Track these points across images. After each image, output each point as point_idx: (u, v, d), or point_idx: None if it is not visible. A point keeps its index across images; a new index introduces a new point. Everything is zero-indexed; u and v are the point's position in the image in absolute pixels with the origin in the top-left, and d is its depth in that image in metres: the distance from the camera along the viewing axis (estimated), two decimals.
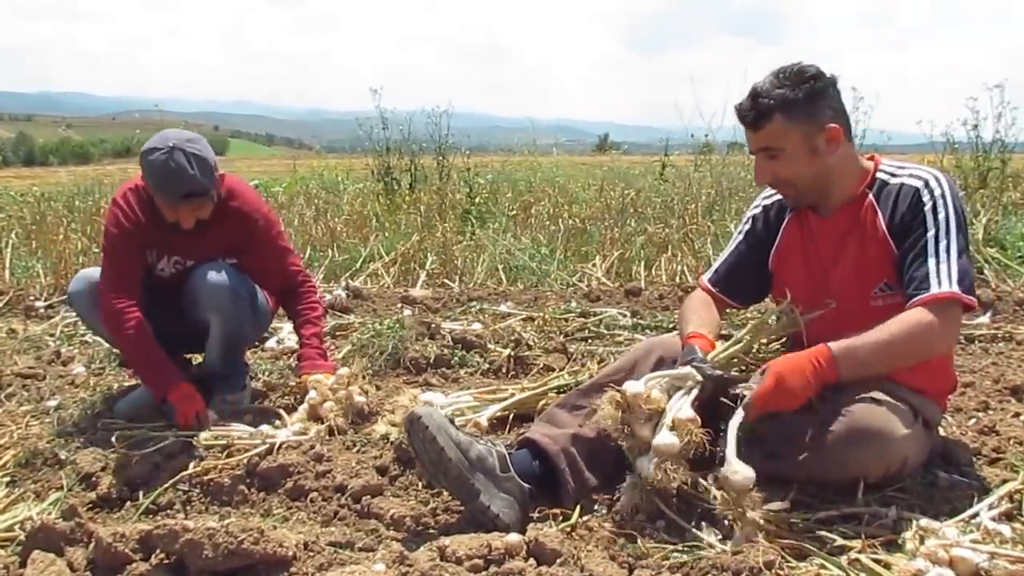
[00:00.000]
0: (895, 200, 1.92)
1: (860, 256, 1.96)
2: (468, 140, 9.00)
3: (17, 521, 1.92)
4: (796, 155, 1.92)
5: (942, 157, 6.85)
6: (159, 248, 2.67)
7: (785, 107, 1.88)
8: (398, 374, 3.07)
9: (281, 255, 2.74)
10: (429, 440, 1.76)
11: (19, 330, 4.02)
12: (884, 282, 1.94)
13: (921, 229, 1.86)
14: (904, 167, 1.99)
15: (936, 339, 1.84)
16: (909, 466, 1.86)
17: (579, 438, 1.91)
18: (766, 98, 1.89)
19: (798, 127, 1.89)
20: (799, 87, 1.88)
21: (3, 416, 2.66)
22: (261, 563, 1.49)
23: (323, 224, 6.75)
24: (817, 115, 1.90)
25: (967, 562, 1.51)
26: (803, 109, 1.89)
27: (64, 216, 6.97)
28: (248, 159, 29.81)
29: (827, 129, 1.90)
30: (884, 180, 1.97)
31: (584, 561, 1.55)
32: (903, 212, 1.90)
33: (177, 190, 2.41)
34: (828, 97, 1.92)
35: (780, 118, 1.89)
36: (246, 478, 2.09)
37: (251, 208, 2.67)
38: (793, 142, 1.91)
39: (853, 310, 1.95)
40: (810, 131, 1.90)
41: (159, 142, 2.42)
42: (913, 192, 1.90)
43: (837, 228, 2.00)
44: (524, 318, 3.87)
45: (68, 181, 11.15)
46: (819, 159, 1.92)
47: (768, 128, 1.91)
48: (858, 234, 1.96)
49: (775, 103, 1.88)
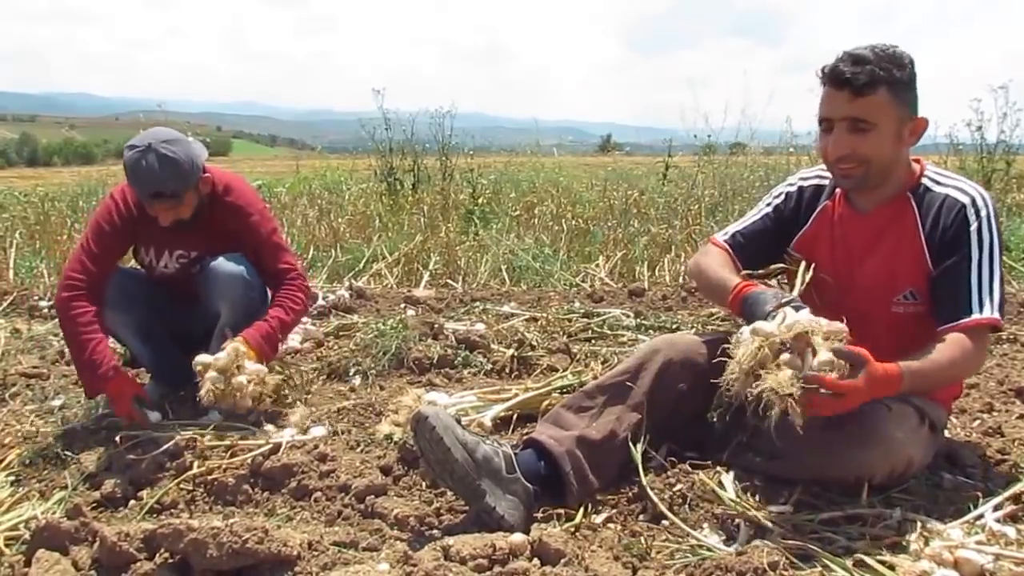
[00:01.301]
0: (938, 211, 1.89)
1: (891, 259, 1.93)
2: (471, 141, 9.02)
3: (22, 520, 1.92)
4: (885, 134, 1.84)
5: (946, 158, 6.85)
6: (156, 244, 2.69)
7: (892, 83, 1.81)
8: (401, 374, 3.07)
9: (273, 251, 2.71)
10: (435, 440, 1.76)
11: (23, 330, 4.02)
12: (910, 290, 1.92)
13: (966, 250, 1.83)
14: (950, 177, 1.96)
15: (974, 365, 1.90)
16: (914, 468, 1.85)
17: (584, 440, 1.90)
18: (875, 67, 1.79)
19: (897, 107, 1.83)
20: (904, 69, 1.83)
21: (8, 415, 2.67)
22: (265, 562, 1.49)
23: (326, 224, 6.76)
24: (912, 102, 1.86)
25: (972, 563, 1.51)
26: (905, 92, 1.84)
27: (68, 216, 6.98)
28: (251, 159, 29.85)
29: (916, 119, 1.87)
30: (928, 186, 1.93)
31: (588, 561, 1.55)
32: (945, 226, 1.86)
33: (145, 189, 2.48)
34: (915, 89, 1.87)
35: (885, 93, 1.81)
36: (250, 478, 2.09)
37: (245, 202, 2.69)
38: (888, 120, 1.83)
39: (873, 313, 1.93)
40: (903, 115, 1.85)
41: (139, 140, 2.48)
42: (959, 208, 1.87)
43: (872, 225, 1.96)
44: (527, 318, 3.87)
45: (71, 181, 11.19)
46: (900, 146, 1.88)
47: (871, 98, 1.81)
48: (893, 236, 1.93)
49: (885, 76, 1.80)
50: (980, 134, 6.90)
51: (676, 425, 2.03)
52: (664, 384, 1.96)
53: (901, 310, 1.93)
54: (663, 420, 1.97)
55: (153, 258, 2.72)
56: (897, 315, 1.93)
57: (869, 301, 1.95)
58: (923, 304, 1.90)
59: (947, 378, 1.87)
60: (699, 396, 1.98)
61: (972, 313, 1.79)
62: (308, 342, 3.59)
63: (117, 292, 2.61)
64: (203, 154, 2.63)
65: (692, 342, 2.06)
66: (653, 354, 2.01)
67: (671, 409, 1.98)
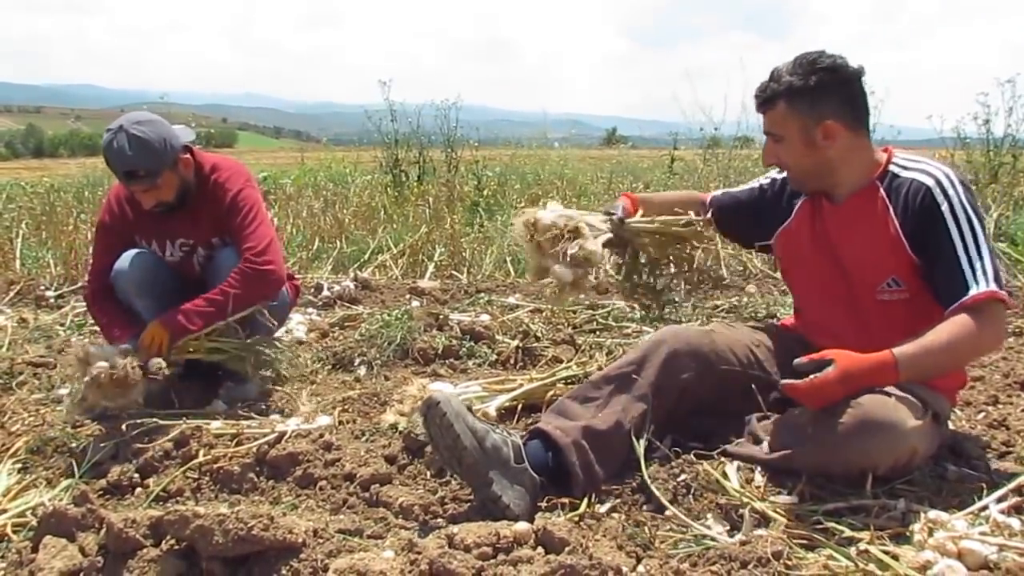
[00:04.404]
0: (906, 196, 1.90)
1: (869, 248, 1.95)
2: (476, 133, 9.00)
3: (29, 507, 1.93)
4: (793, 144, 1.96)
5: (953, 152, 6.81)
6: (156, 236, 2.72)
7: (789, 95, 1.91)
8: (406, 365, 3.08)
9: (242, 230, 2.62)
10: (446, 426, 1.76)
11: (30, 319, 4.04)
12: (892, 277, 1.93)
13: (945, 232, 1.84)
14: (916, 160, 1.97)
15: (986, 341, 1.85)
16: (918, 458, 1.84)
17: (591, 431, 1.90)
18: (776, 83, 1.93)
19: (797, 117, 1.92)
20: (808, 77, 1.90)
21: (15, 404, 2.68)
22: (271, 549, 1.50)
23: (331, 216, 6.76)
24: (820, 108, 1.91)
25: (976, 554, 1.50)
26: (806, 100, 1.91)
27: (74, 207, 7.00)
28: (256, 151, 29.86)
29: (823, 125, 1.92)
30: (895, 173, 1.96)
31: (592, 550, 1.55)
32: (916, 211, 1.88)
33: (117, 170, 2.51)
34: (836, 91, 1.92)
35: (783, 105, 1.93)
36: (255, 466, 2.10)
37: (226, 179, 2.68)
38: (791, 131, 1.95)
39: (859, 301, 1.95)
40: (807, 123, 1.92)
41: (114, 123, 2.53)
42: (924, 191, 1.88)
43: (847, 216, 2.00)
44: (532, 310, 3.88)
45: (77, 172, 11.22)
46: (817, 151, 1.95)
47: (771, 113, 1.96)
48: (869, 226, 1.95)
49: (781, 90, 1.92)
50: (987, 128, 6.86)
51: (681, 415, 2.04)
52: (669, 374, 1.97)
53: (887, 297, 1.95)
54: (668, 410, 1.99)
55: (156, 250, 2.74)
56: (884, 303, 1.94)
57: (856, 293, 1.97)
58: (908, 291, 1.92)
59: (954, 357, 1.83)
60: (704, 387, 2.00)
61: (969, 291, 1.79)
62: (313, 332, 3.60)
63: (140, 276, 2.65)
64: (184, 137, 2.64)
65: (697, 332, 2.09)
66: (658, 345, 2.02)
67: (676, 399, 1.99)
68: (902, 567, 1.48)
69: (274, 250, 2.65)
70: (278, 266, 2.64)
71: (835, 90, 1.92)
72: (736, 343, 2.10)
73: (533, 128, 11.24)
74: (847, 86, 1.93)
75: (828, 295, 2.06)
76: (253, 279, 2.57)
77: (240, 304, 2.56)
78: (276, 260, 2.64)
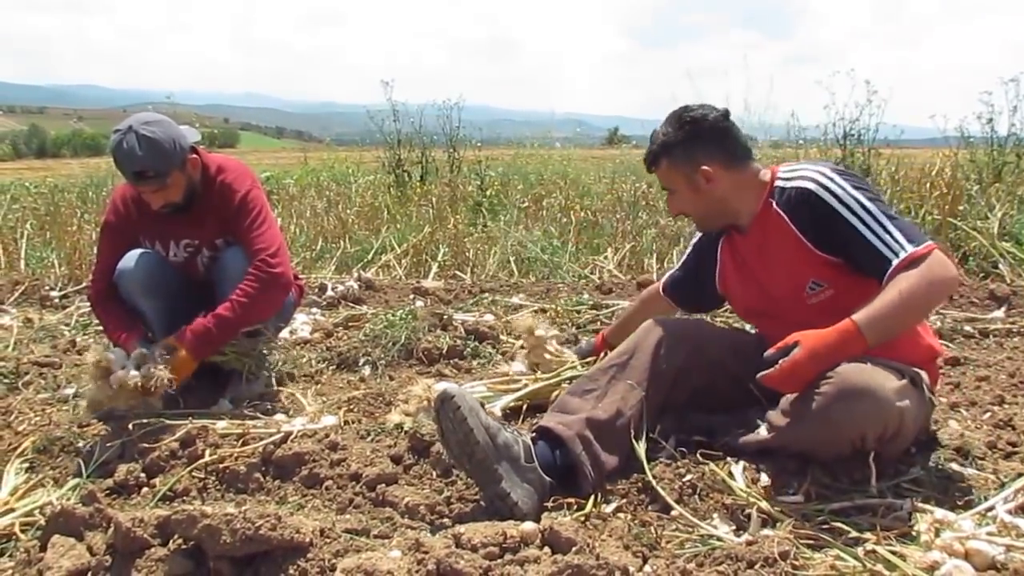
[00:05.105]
0: (796, 206, 1.99)
1: (783, 262, 2.04)
2: (479, 133, 9.01)
3: (37, 506, 1.94)
4: (683, 193, 2.13)
5: (956, 151, 6.80)
6: (160, 237, 2.72)
7: (666, 151, 2.10)
8: (411, 365, 3.08)
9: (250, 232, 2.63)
10: (459, 421, 1.77)
11: (35, 319, 4.05)
12: (812, 280, 2.00)
13: (844, 224, 1.89)
14: (794, 169, 2.07)
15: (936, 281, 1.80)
16: (907, 426, 1.81)
17: (592, 421, 1.93)
18: (654, 144, 2.13)
19: (679, 169, 2.10)
20: (679, 131, 2.08)
21: (21, 404, 2.69)
22: (278, 549, 1.50)
23: (335, 216, 6.77)
24: (695, 156, 2.07)
25: (983, 555, 1.50)
26: (682, 152, 2.08)
27: (77, 207, 7.02)
28: (259, 151, 29.91)
29: (701, 171, 2.07)
30: (781, 187, 2.05)
31: (599, 550, 1.55)
32: (807, 215, 1.96)
33: (127, 170, 2.51)
34: (706, 138, 2.07)
35: (664, 162, 2.12)
36: (261, 466, 2.10)
37: (233, 180, 2.68)
38: (677, 182, 2.12)
39: (794, 312, 2.02)
40: (689, 172, 2.09)
41: (122, 124, 2.52)
42: (808, 195, 1.96)
43: (755, 241, 2.11)
44: (536, 310, 3.88)
45: (80, 173, 11.25)
46: (704, 194, 2.09)
47: (658, 172, 2.15)
48: (775, 243, 2.05)
49: (659, 149, 2.11)
50: (991, 127, 6.84)
51: (678, 403, 2.09)
52: (661, 358, 2.05)
53: (815, 300, 2.00)
54: (664, 396, 2.05)
55: (161, 251, 2.74)
56: (814, 306, 2.00)
57: (788, 305, 2.05)
58: (832, 287, 1.98)
59: (910, 307, 1.80)
60: (696, 372, 2.08)
61: (892, 263, 1.82)
62: (318, 332, 3.60)
63: (145, 277, 2.65)
64: (191, 137, 2.64)
65: (684, 321, 2.24)
66: (647, 334, 2.11)
67: (671, 385, 2.06)
68: (909, 567, 1.48)
69: (283, 253, 2.66)
70: (287, 269, 2.65)
71: (705, 137, 2.07)
72: (722, 335, 2.23)
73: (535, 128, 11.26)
74: (714, 131, 2.08)
75: (768, 316, 2.16)
76: (268, 284, 2.57)
77: (257, 311, 2.58)
78: (286, 263, 2.65)
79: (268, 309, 2.62)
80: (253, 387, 2.72)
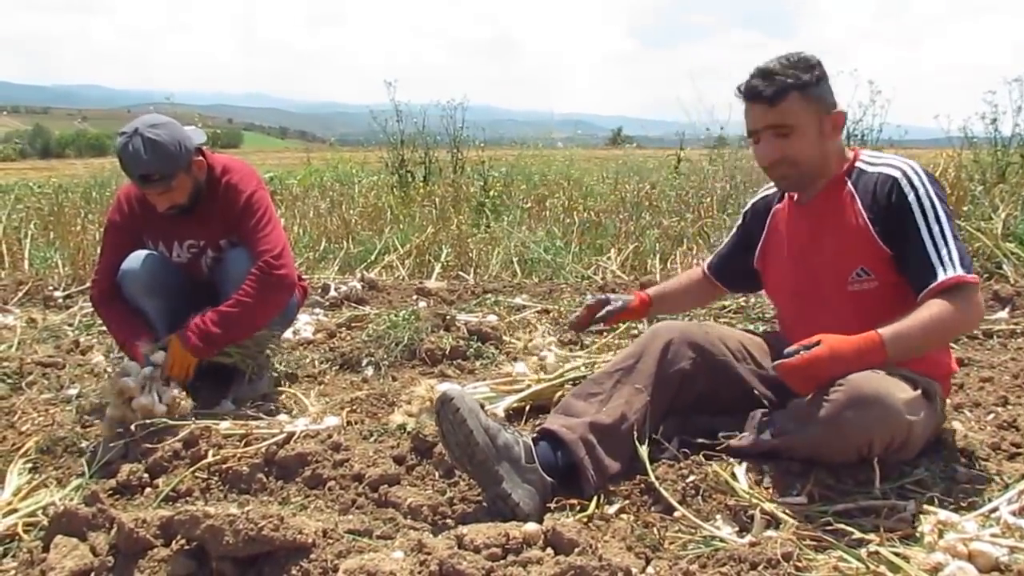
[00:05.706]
0: (874, 189, 1.97)
1: (838, 240, 2.01)
2: (482, 133, 9.02)
3: (40, 506, 1.94)
4: (806, 134, 1.97)
5: (960, 151, 6.78)
6: (164, 237, 2.72)
7: (801, 87, 1.95)
8: (414, 365, 3.09)
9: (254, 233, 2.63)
10: (459, 423, 1.77)
11: (38, 320, 4.06)
12: (861, 267, 1.98)
13: (912, 222, 1.89)
14: (881, 157, 2.04)
15: (962, 321, 1.87)
16: (915, 438, 1.83)
17: (596, 425, 1.93)
18: (783, 76, 1.95)
19: (811, 107, 1.96)
20: (808, 71, 1.96)
21: (25, 404, 2.69)
22: (281, 549, 1.50)
23: (338, 216, 6.78)
24: (826, 99, 1.98)
25: (987, 556, 1.50)
26: (816, 91, 1.97)
27: (81, 207, 7.04)
28: (262, 152, 29.94)
29: (834, 114, 1.99)
30: (863, 169, 2.03)
31: (602, 551, 1.55)
32: (884, 203, 1.94)
33: (133, 173, 2.51)
34: (829, 86, 2.00)
35: (796, 96, 1.95)
36: (264, 466, 2.10)
37: (238, 179, 2.69)
38: (806, 121, 1.97)
39: (830, 294, 2.01)
40: (822, 112, 1.98)
41: (128, 126, 2.52)
42: (891, 183, 1.94)
43: (816, 213, 2.06)
44: (539, 310, 3.88)
45: (84, 173, 11.28)
46: (823, 142, 2.00)
47: (783, 105, 1.95)
48: (836, 219, 2.01)
49: (792, 82, 1.95)
50: (994, 127, 6.83)
51: (682, 409, 2.08)
52: (668, 363, 2.04)
53: (857, 287, 1.99)
54: (670, 401, 2.04)
55: (164, 251, 2.75)
56: (854, 293, 1.98)
57: (827, 286, 2.02)
58: (877, 280, 1.96)
59: (936, 335, 1.84)
60: (702, 376, 2.07)
61: (937, 276, 1.84)
62: (321, 333, 3.61)
63: (148, 277, 2.65)
64: (196, 138, 2.64)
65: (690, 324, 2.19)
66: (653, 337, 2.09)
67: (676, 389, 2.05)
68: (913, 569, 1.47)
69: (287, 255, 2.66)
70: (291, 271, 2.65)
71: (826, 86, 1.99)
72: (728, 337, 2.19)
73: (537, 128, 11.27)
74: (830, 84, 2.01)
75: (801, 292, 2.12)
76: (272, 285, 2.57)
77: (260, 311, 2.57)
78: (289, 265, 2.65)
79: (271, 310, 2.62)
80: (256, 387, 2.72)
